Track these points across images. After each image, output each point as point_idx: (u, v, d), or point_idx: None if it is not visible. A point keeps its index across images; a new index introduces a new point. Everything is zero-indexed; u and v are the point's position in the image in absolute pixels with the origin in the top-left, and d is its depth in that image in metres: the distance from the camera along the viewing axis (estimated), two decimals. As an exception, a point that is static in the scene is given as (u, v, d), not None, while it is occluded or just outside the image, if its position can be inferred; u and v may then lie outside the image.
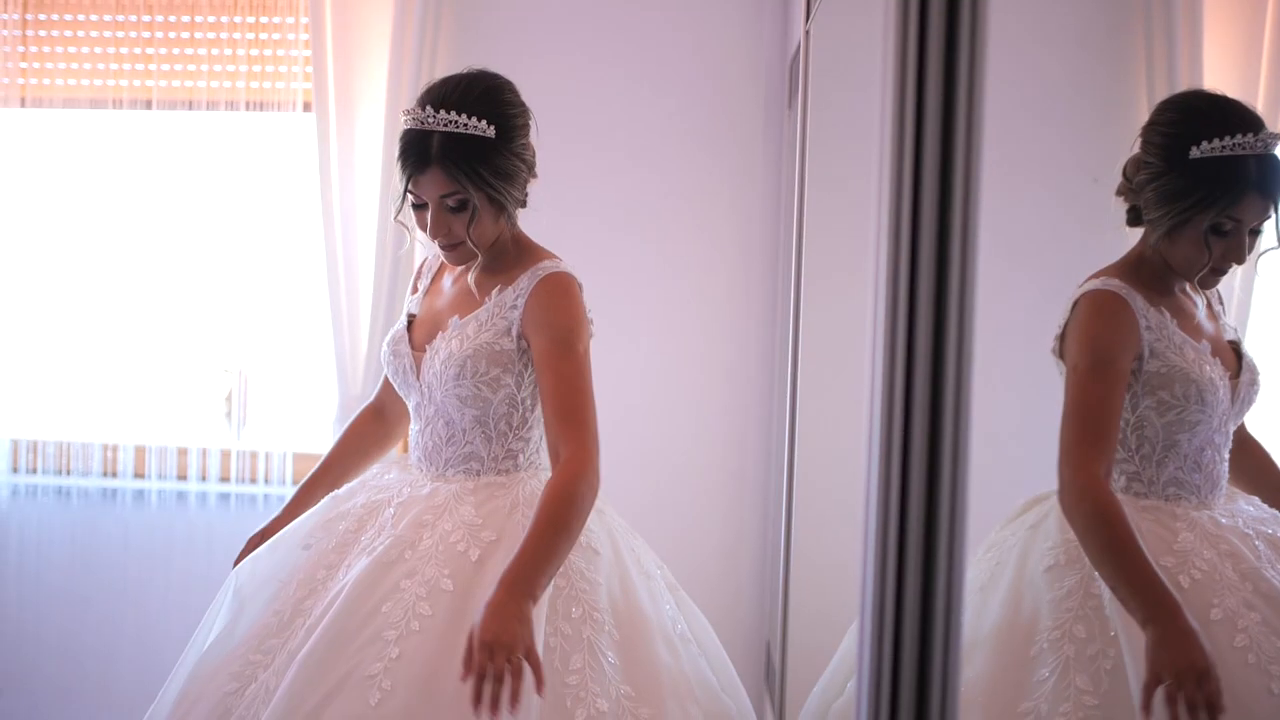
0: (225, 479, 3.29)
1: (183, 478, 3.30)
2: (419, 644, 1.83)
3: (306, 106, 3.19)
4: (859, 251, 2.22)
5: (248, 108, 3.22)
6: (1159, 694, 1.61)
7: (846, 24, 2.29)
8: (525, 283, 2.01)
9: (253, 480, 3.28)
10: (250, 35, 3.21)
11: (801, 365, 2.37)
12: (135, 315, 3.42)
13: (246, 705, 1.83)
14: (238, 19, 3.21)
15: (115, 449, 3.34)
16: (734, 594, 3.14)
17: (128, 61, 3.27)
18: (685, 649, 1.98)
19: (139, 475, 3.34)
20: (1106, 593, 1.82)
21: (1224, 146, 1.80)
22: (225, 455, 3.30)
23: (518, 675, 1.68)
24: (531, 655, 1.71)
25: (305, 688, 1.79)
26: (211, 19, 3.21)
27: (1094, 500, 1.81)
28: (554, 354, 1.97)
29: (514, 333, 2.00)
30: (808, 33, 2.44)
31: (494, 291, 2.03)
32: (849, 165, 2.35)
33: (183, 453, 3.31)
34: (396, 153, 1.97)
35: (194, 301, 3.39)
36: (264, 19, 3.21)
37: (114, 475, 3.33)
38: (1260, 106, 2.20)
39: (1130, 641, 1.75)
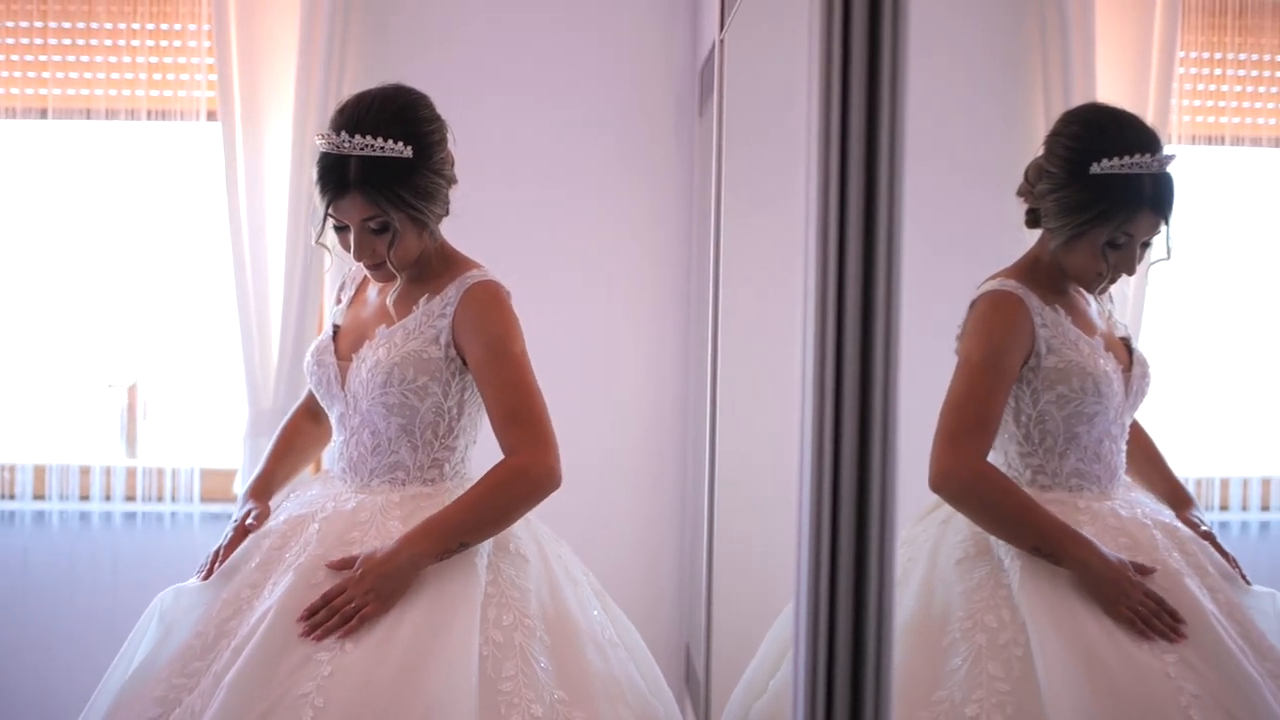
0: (130, 498, 3.21)
1: (85, 498, 3.21)
2: (351, 660, 1.82)
3: (211, 115, 3.13)
4: (776, 250, 2.27)
5: (149, 117, 3.15)
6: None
7: (763, 32, 2.33)
8: (453, 292, 2.02)
9: (159, 499, 3.21)
10: (150, 42, 3.14)
11: (721, 368, 2.41)
12: (34, 330, 3.33)
13: (171, 730, 1.81)
14: (136, 25, 3.13)
15: (13, 469, 3.24)
16: (653, 598, 3.17)
17: (19, 69, 3.18)
18: (614, 653, 2.00)
19: (38, 496, 3.24)
20: (1016, 582, 1.89)
21: (1123, 165, 1.88)
22: (130, 473, 3.22)
23: (344, 622, 1.83)
24: (375, 613, 1.84)
25: (236, 711, 1.78)
26: (109, 25, 3.13)
27: (979, 478, 1.92)
28: (491, 361, 1.98)
29: (442, 341, 2.01)
30: (722, 41, 2.49)
31: (421, 300, 2.03)
32: (765, 166, 2.40)
33: (85, 471, 3.23)
34: (314, 176, 1.97)
35: (95, 315, 3.31)
36: (164, 25, 3.14)
37: (11, 497, 3.23)
38: (1150, 115, 2.31)
39: (1039, 630, 1.82)
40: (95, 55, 3.15)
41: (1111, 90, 2.38)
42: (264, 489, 2.17)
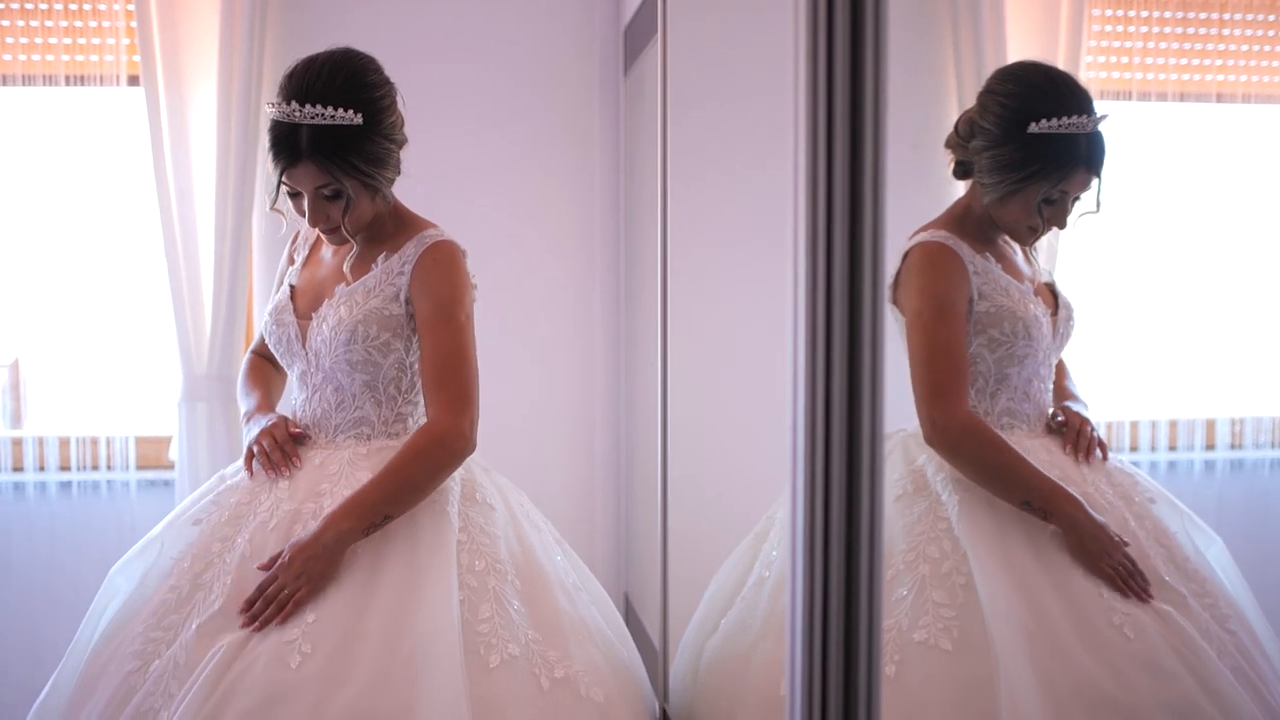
0: (65, 467, 3.18)
1: (18, 468, 3.17)
2: (335, 607, 1.87)
3: (132, 80, 3.08)
4: (728, 204, 2.34)
5: (67, 82, 3.08)
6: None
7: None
8: (412, 250, 2.06)
9: (94, 467, 3.18)
10: (70, 6, 3.07)
11: (671, 314, 2.47)
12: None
13: (154, 681, 1.83)
14: (51, -12, 3.07)
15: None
16: (589, 547, 3.25)
17: (-72, 34, 3.09)
18: (579, 597, 2.08)
19: (-31, 469, 3.19)
20: (954, 514, 2.00)
21: (1060, 125, 1.96)
22: (63, 443, 3.18)
23: (279, 610, 1.86)
24: (308, 596, 1.87)
25: (226, 662, 1.82)
26: (24, -12, 3.06)
27: (974, 432, 2.00)
28: (434, 322, 2.03)
29: (402, 298, 2.05)
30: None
31: (379, 259, 2.07)
32: (711, 121, 2.45)
33: (17, 443, 3.18)
34: (267, 143, 1.98)
35: (6, 283, 3.24)
36: (81, -12, 3.08)
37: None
38: (1061, 63, 2.41)
39: (979, 558, 1.94)
40: (12, 19, 3.07)
41: (1021, 46, 2.46)
42: (265, 406, 2.19)
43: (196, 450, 3.07)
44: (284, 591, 1.87)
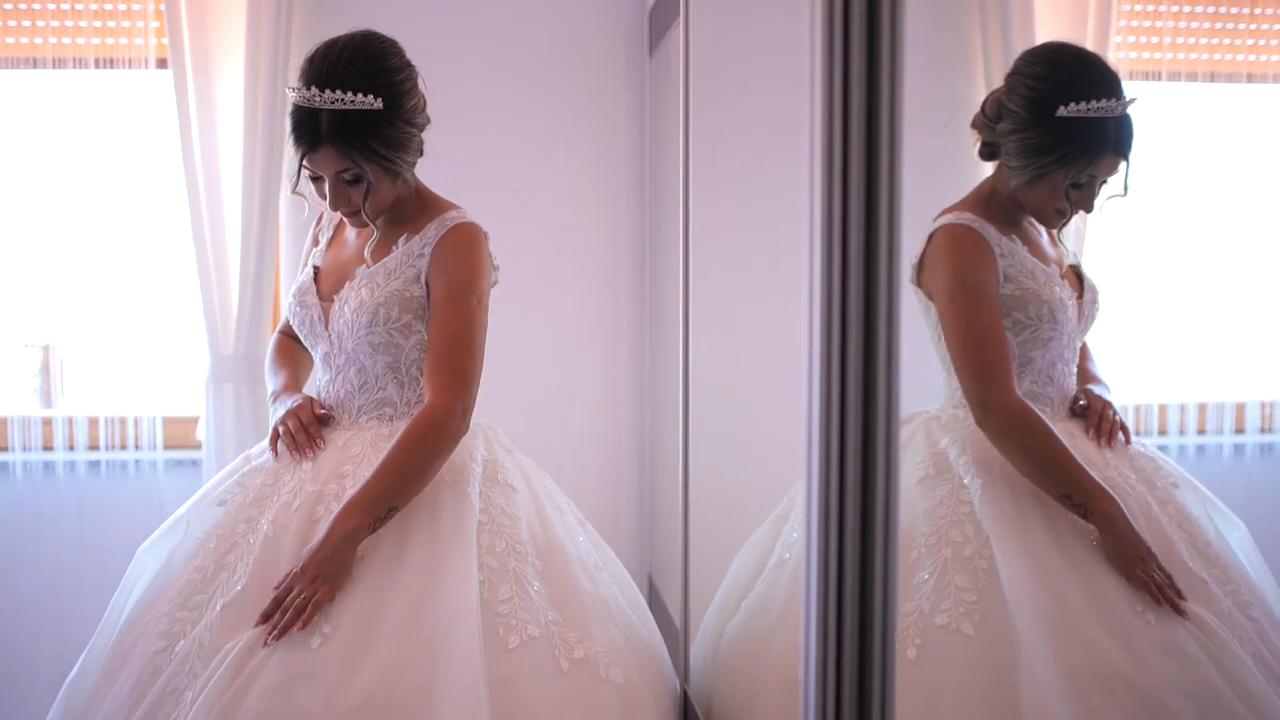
0: (94, 447, 3.21)
1: (49, 448, 3.21)
2: (353, 589, 1.89)
3: (160, 63, 3.10)
4: (750, 188, 2.33)
5: (97, 65, 3.11)
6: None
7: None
8: (433, 232, 2.06)
9: (122, 447, 3.22)
10: (98, -12, 3.10)
11: (693, 297, 2.47)
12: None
13: (179, 661, 1.85)
14: (81, -29, 3.09)
15: (-26, 421, 3.22)
16: (613, 529, 3.26)
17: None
18: (600, 577, 2.08)
19: (1, 448, 3.23)
20: (976, 498, 1.99)
21: (1089, 109, 1.93)
22: (92, 423, 3.22)
23: (298, 616, 1.84)
24: (326, 597, 1.86)
25: (250, 644, 1.84)
26: (53, -28, 3.09)
27: (1026, 418, 1.98)
28: (446, 303, 2.03)
29: (423, 280, 2.06)
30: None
31: (401, 240, 2.08)
32: (734, 104, 2.44)
33: (47, 423, 3.22)
34: (288, 127, 1.99)
35: (23, 268, 3.27)
36: (109, -29, 3.10)
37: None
38: (1090, 43, 2.38)
39: (1002, 542, 1.93)
40: (41, 3, 3.10)
41: (1050, 27, 2.44)
42: (293, 386, 2.21)
43: (223, 430, 3.10)
44: (301, 597, 1.86)
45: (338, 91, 1.94)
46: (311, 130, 1.95)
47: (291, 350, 2.30)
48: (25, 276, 3.27)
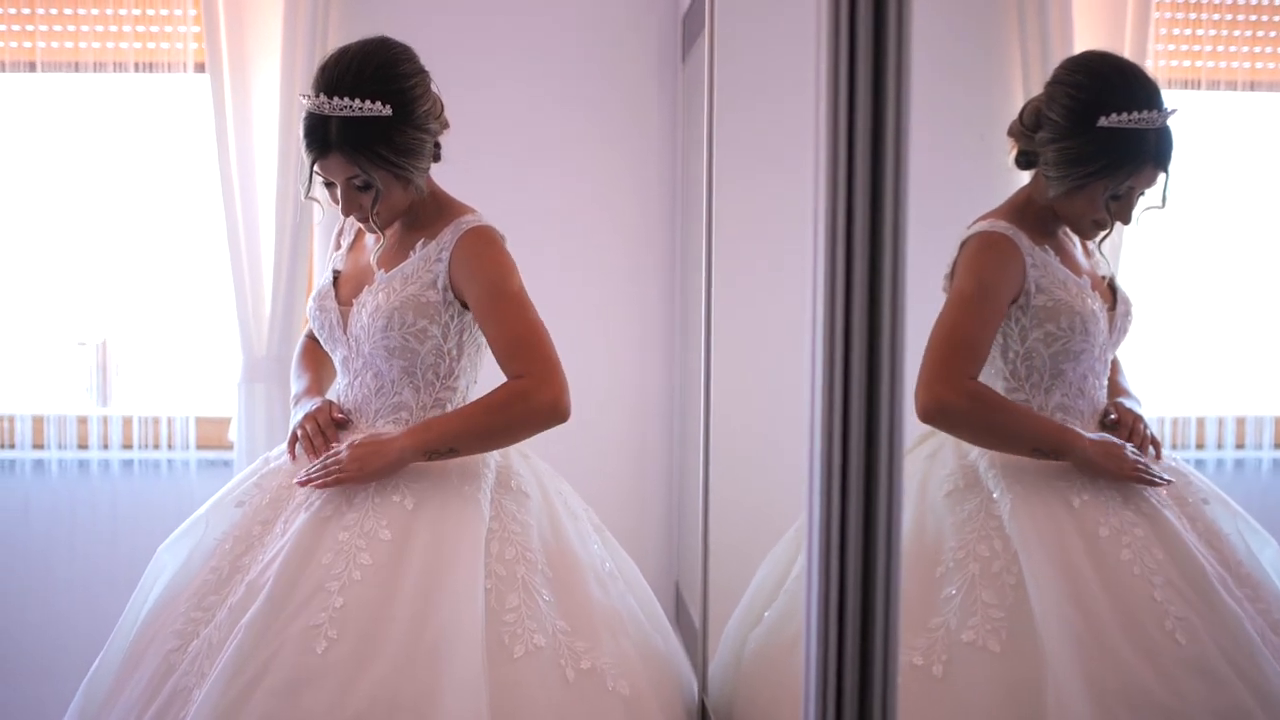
0: (127, 446, 3.25)
1: (83, 446, 3.25)
2: (361, 592, 1.89)
3: (199, 67, 3.13)
4: (773, 195, 2.32)
5: (137, 69, 3.14)
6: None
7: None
8: (449, 236, 2.06)
9: (155, 446, 3.25)
10: (138, -7, 3.13)
11: (715, 304, 2.46)
12: (19, 284, 3.33)
13: (190, 660, 1.86)
14: (122, -24, 3.12)
15: (12, 419, 3.26)
16: (641, 538, 3.24)
17: (6, 22, 3.16)
18: (614, 586, 2.07)
19: (37, 445, 3.27)
20: (1006, 512, 1.96)
21: (1130, 120, 1.90)
22: (126, 423, 3.25)
23: (325, 479, 1.97)
24: (351, 481, 1.97)
25: (252, 647, 1.84)
26: (96, -23, 3.12)
27: (978, 397, 1.97)
28: (491, 301, 2.03)
29: (439, 285, 2.05)
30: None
31: (418, 245, 2.08)
32: (758, 111, 2.43)
33: (82, 421, 3.25)
34: (300, 134, 2.01)
35: (82, 268, 3.31)
36: (150, -24, 3.13)
37: (11, 446, 3.26)
38: (1127, 51, 2.35)
39: (1031, 558, 1.90)
40: (83, 8, 3.14)
41: (1088, 36, 2.41)
42: (315, 390, 2.23)
43: (255, 431, 3.12)
44: (336, 466, 1.96)
45: (346, 98, 1.95)
46: (321, 137, 1.97)
47: (316, 354, 2.31)
48: (70, 276, 3.31)
